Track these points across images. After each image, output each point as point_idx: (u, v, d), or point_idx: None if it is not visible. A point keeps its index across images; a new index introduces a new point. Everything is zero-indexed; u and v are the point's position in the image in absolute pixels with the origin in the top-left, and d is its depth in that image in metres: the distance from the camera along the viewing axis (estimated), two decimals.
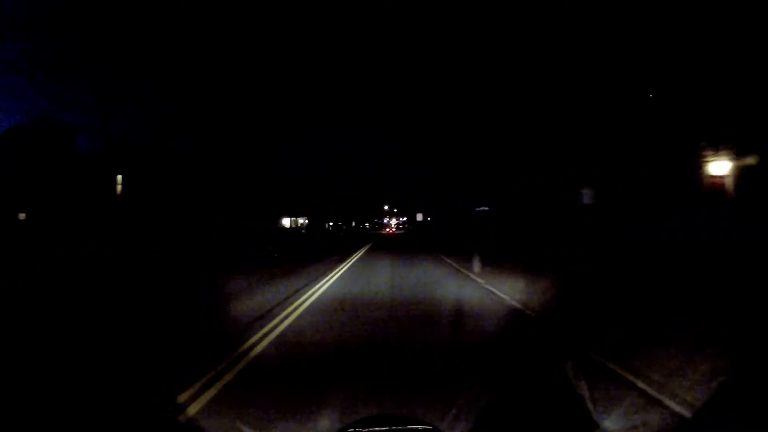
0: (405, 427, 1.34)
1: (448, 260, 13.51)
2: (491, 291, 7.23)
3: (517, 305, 6.01)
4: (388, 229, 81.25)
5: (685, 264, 8.93)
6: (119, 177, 19.95)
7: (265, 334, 4.63)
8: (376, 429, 1.29)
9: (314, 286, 8.27)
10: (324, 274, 10.20)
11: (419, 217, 48.70)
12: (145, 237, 19.51)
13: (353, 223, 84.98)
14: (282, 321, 5.29)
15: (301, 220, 58.68)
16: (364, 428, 1.29)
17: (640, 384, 2.95)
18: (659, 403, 2.67)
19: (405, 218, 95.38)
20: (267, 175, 44.35)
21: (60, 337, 5.02)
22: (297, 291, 7.62)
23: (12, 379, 3.48)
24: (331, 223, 69.37)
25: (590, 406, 2.58)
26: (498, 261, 12.08)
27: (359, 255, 16.87)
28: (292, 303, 6.48)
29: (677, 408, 2.58)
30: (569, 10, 19.72)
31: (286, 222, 54.01)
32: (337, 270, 11.11)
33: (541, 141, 25.23)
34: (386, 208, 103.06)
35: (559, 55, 21.74)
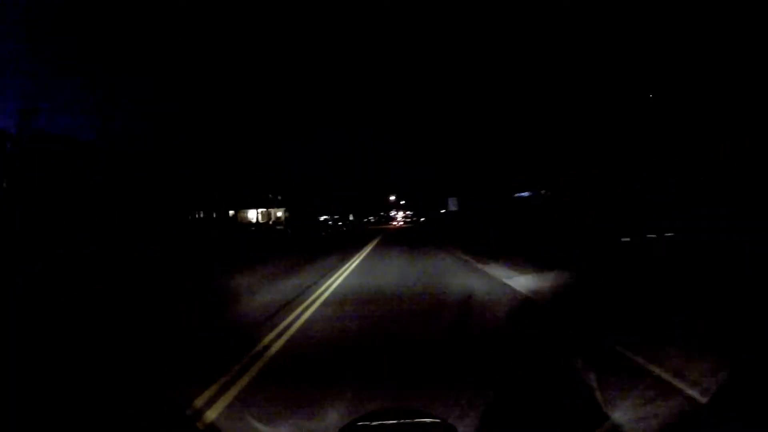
0: (413, 420, 1.33)
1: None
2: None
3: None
4: (394, 223, 76.60)
5: (684, 263, 8.92)
6: None
7: None
8: (386, 422, 1.28)
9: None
10: None
11: (452, 204, 35.56)
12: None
13: (351, 217, 77.30)
14: None
15: (279, 213, 47.70)
16: (372, 422, 1.28)
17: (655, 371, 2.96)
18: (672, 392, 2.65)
19: (411, 211, 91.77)
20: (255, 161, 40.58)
21: (71, 339, 5.01)
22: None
23: (17, 383, 3.47)
24: (325, 217, 61.15)
25: (599, 397, 2.58)
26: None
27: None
28: None
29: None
30: (569, 11, 19.80)
31: (252, 215, 42.55)
32: None
33: (540, 142, 25.27)
34: (392, 198, 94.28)
35: (558, 55, 21.79)
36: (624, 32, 16.67)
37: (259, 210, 43.59)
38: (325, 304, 6.28)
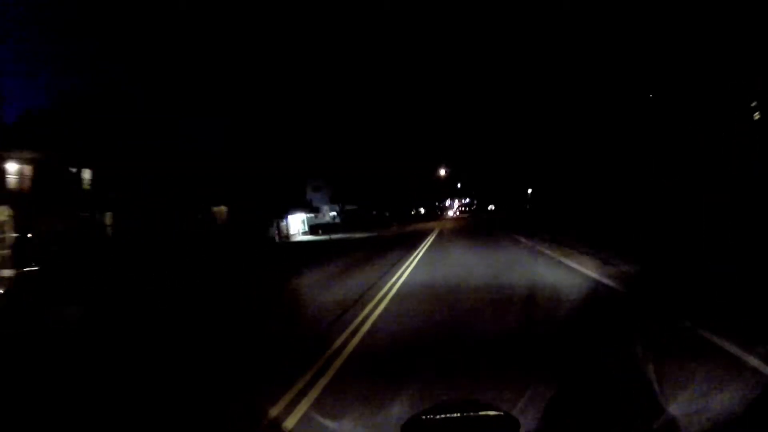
0: (477, 413, 1.31)
1: None
2: None
3: None
4: (450, 213, 62.32)
5: None
6: None
7: None
8: (449, 415, 1.27)
9: None
10: None
11: None
12: None
13: (373, 211, 46.21)
14: None
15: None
16: (436, 415, 1.27)
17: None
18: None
19: (467, 199, 73.32)
20: None
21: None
22: None
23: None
24: (333, 214, 38.92)
25: (657, 388, 2.67)
26: None
27: None
28: None
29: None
30: (569, 14, 19.78)
31: None
32: None
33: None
34: (443, 173, 61.09)
35: (563, 57, 21.78)
36: (625, 31, 16.50)
37: None
38: None
